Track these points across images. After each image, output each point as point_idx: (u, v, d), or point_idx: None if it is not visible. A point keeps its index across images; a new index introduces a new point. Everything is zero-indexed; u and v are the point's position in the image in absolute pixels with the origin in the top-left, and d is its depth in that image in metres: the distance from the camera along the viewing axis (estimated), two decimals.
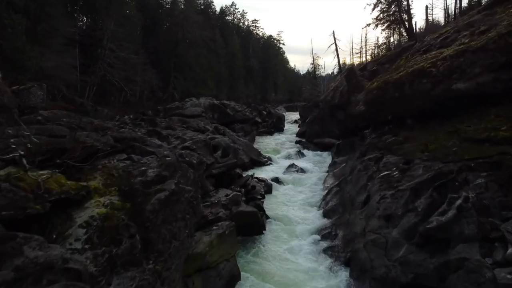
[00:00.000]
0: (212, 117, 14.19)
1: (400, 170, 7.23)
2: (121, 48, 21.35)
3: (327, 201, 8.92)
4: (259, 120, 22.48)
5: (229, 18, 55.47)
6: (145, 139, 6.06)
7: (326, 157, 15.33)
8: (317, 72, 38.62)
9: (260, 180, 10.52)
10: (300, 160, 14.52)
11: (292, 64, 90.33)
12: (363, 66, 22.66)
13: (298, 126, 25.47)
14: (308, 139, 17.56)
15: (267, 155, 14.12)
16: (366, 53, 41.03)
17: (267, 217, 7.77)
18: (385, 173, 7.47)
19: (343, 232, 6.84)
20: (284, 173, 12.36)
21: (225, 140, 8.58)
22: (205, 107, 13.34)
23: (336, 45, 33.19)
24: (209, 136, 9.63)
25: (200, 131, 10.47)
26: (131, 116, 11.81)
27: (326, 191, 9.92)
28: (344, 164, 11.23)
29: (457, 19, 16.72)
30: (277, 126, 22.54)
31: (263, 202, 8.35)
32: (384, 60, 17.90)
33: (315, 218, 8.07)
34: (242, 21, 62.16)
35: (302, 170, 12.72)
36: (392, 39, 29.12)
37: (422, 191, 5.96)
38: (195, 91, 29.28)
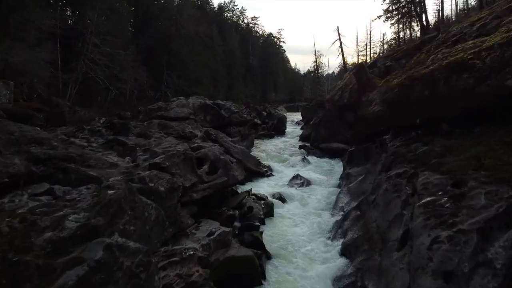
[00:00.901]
0: (204, 119, 12.23)
1: (450, 197, 5.20)
2: (106, 43, 19.37)
3: (345, 230, 6.95)
4: (258, 122, 20.51)
5: (228, 15, 53.50)
6: (89, 157, 4.08)
7: (335, 165, 13.35)
8: (319, 71, 36.73)
9: (259, 198, 8.57)
10: (306, 169, 12.54)
11: (292, 64, 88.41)
12: (372, 63, 20.77)
13: (301, 128, 23.48)
14: (314, 143, 15.61)
15: (267, 163, 12.16)
16: (370, 50, 39.12)
17: (268, 257, 5.81)
18: (428, 199, 5.45)
19: (374, 286, 4.88)
20: (288, 186, 10.39)
21: (215, 151, 6.62)
22: (194, 108, 11.40)
23: (340, 41, 31.27)
24: (195, 144, 7.65)
25: (185, 137, 8.51)
26: (101, 121, 9.88)
27: (342, 214, 7.96)
28: (361, 178, 9.25)
29: (489, 5, 14.69)
30: (278, 129, 20.58)
31: (262, 232, 6.39)
32: (400, 54, 15.97)
33: (331, 256, 6.11)
34: (241, 19, 60.28)
35: (309, 183, 10.75)
36: (401, 34, 27.20)
37: (496, 234, 4.00)
38: (190, 90, 27.31)
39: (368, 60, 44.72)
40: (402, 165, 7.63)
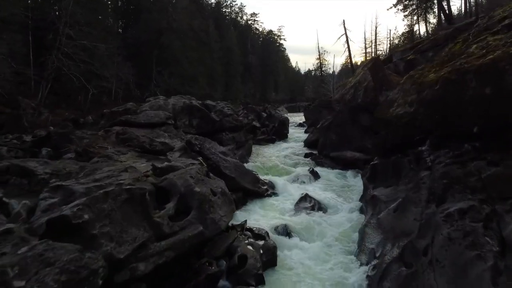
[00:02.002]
0: (188, 124, 9.81)
1: None
2: (83, 35, 16.94)
3: None
4: (257, 125, 18.08)
5: (226, 11, 51.06)
6: None
7: (351, 180, 10.92)
8: (323, 69, 34.30)
9: (257, 236, 6.17)
10: (315, 186, 10.11)
11: (293, 63, 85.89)
12: (387, 58, 18.36)
13: (305, 131, 21.04)
14: (322, 151, 13.19)
15: (267, 179, 9.72)
16: (376, 48, 36.66)
17: None
18: None
19: None
20: (294, 212, 7.95)
21: (188, 178, 4.24)
22: (175, 110, 9.00)
23: (346, 36, 28.82)
24: (164, 164, 5.24)
25: (153, 152, 6.08)
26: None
27: (374, 263, 5.55)
28: (394, 205, 6.83)
29: None
30: (280, 132, 18.15)
31: None
32: (426, 46, 13.58)
33: None
34: (240, 15, 57.83)
35: (321, 206, 8.31)
36: (416, 28, 24.75)
37: None
38: (183, 89, 24.87)
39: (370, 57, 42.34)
40: (464, 195, 5.23)
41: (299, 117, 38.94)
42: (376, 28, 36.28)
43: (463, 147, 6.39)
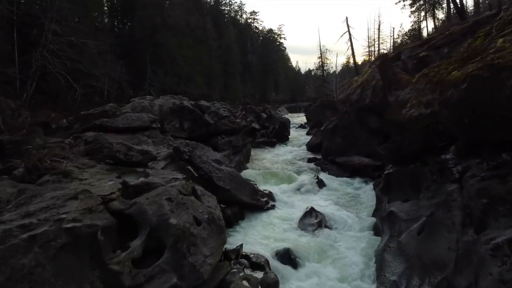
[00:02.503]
0: (179, 127, 8.74)
1: None
2: (69, 31, 15.87)
3: None
4: (257, 126, 16.99)
5: (225, 9, 49.96)
6: None
7: (360, 189, 9.84)
8: (325, 68, 33.19)
9: (254, 265, 5.17)
10: (321, 196, 9.04)
11: (293, 63, 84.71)
12: (394, 55, 17.28)
13: (307, 133, 19.97)
14: (327, 156, 12.12)
15: (267, 189, 8.64)
16: (379, 46, 35.58)
17: None
18: None
19: None
20: (298, 230, 6.88)
21: (162, 203, 3.15)
22: (163, 112, 7.92)
23: (349, 34, 27.75)
24: (139, 180, 4.19)
25: (130, 163, 5.02)
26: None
27: None
28: (417, 225, 5.77)
29: None
30: (281, 135, 17.07)
31: None
32: (440, 42, 12.50)
33: None
34: (239, 14, 56.74)
35: (328, 223, 7.25)
36: (423, 24, 23.65)
37: None
38: (179, 89, 23.82)
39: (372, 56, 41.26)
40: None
41: (300, 118, 37.85)
42: (379, 26, 35.19)
43: (500, 157, 5.29)
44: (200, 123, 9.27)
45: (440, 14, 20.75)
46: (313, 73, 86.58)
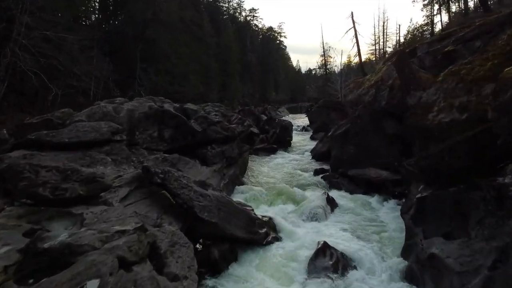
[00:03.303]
0: (158, 136, 7.00)
1: None
2: (46, 24, 14.12)
3: None
4: (255, 130, 15.25)
5: (223, 6, 48.15)
6: None
7: (380, 211, 8.10)
8: (328, 66, 31.39)
9: None
10: (334, 222, 7.29)
11: (293, 62, 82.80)
12: (409, 52, 15.56)
13: (311, 138, 18.21)
14: (337, 167, 10.37)
15: (267, 214, 6.89)
16: (384, 44, 33.91)
17: None
18: None
19: None
20: (310, 275, 5.16)
21: None
22: (133, 118, 6.16)
23: (355, 30, 26.00)
24: (39, 247, 2.35)
25: (62, 202, 3.25)
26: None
27: None
28: (482, 284, 4.11)
29: None
30: (282, 140, 15.31)
31: None
32: (470, 34, 10.73)
33: None
34: (238, 11, 54.96)
35: (347, 264, 5.49)
36: (436, 19, 21.89)
37: None
38: (172, 89, 22.08)
39: (378, 54, 39.41)
40: None
41: (302, 119, 36.10)
42: (384, 23, 33.45)
43: None
44: (184, 130, 7.52)
45: (454, 8, 19.14)
46: (314, 72, 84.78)
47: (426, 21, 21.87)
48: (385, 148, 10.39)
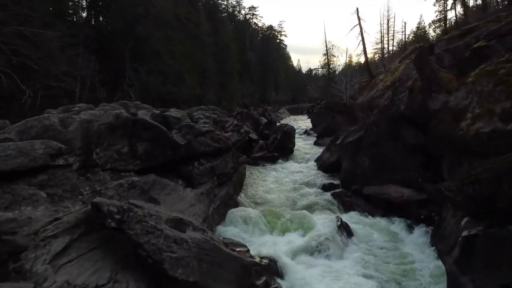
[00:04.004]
0: (129, 152, 5.53)
1: None
2: (22, 19, 12.61)
3: None
4: (254, 136, 13.74)
5: (222, 3, 46.60)
6: None
7: (404, 241, 6.59)
8: (331, 66, 29.79)
9: None
10: (351, 259, 5.76)
11: (294, 62, 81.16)
12: (427, 47, 14.06)
13: (315, 143, 16.68)
14: (349, 183, 8.85)
15: (266, 258, 5.35)
16: (389, 43, 32.33)
17: None
18: None
19: None
20: None
21: None
22: (91, 132, 4.62)
23: (360, 27, 24.42)
24: None
25: None
26: None
27: None
28: None
29: None
30: (284, 147, 13.78)
31: None
32: (506, 28, 9.18)
33: None
34: (237, 9, 53.43)
35: None
36: (450, 14, 20.35)
37: None
38: (165, 90, 20.57)
39: (382, 53, 37.81)
40: None
41: (303, 122, 34.59)
42: (388, 21, 31.88)
43: None
44: (163, 144, 6.02)
45: (471, 2, 17.66)
46: (314, 72, 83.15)
47: (438, 17, 20.45)
48: (405, 161, 8.87)
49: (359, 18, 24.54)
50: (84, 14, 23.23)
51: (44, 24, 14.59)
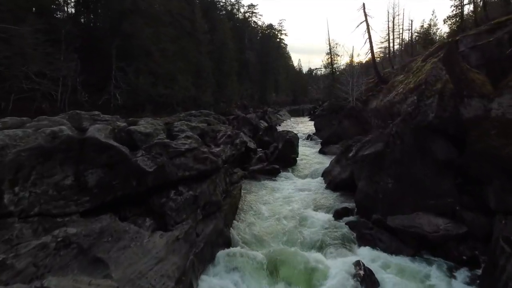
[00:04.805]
0: (75, 185, 3.91)
1: None
2: None
3: None
4: (252, 146, 12.11)
5: (220, 1, 44.87)
6: None
7: None
8: (334, 65, 28.22)
9: None
10: None
11: (294, 62, 79.41)
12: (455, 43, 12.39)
13: (320, 152, 15.00)
14: (368, 208, 7.18)
15: None
16: (394, 41, 30.63)
17: None
18: None
19: None
20: None
21: None
22: (2, 163, 3.15)
23: (367, 23, 22.79)
24: None
25: None
26: None
27: None
28: None
29: None
30: (286, 157, 12.11)
31: None
32: None
33: None
34: (236, 7, 51.74)
35: None
36: (467, 9, 18.69)
37: None
38: (155, 92, 18.91)
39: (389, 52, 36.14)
40: None
41: (305, 124, 32.90)
42: (394, 19, 30.23)
43: None
44: (124, 171, 4.39)
45: None
46: (315, 72, 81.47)
47: (454, 12, 18.82)
48: (436, 182, 7.22)
49: (365, 14, 22.89)
50: (73, 10, 21.66)
51: (16, 18, 12.96)
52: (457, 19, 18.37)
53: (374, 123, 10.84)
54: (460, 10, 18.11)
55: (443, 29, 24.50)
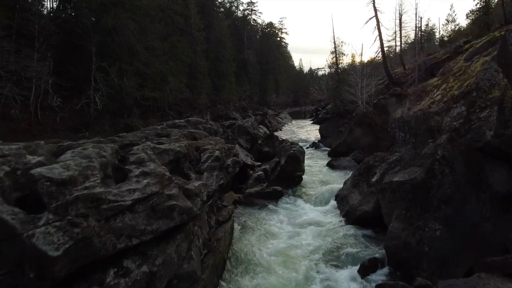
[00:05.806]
0: None
1: None
2: None
3: None
4: (249, 162, 10.14)
5: None
6: None
7: None
8: (340, 65, 26.10)
9: None
10: None
11: (295, 62, 77.23)
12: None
13: (328, 165, 12.95)
14: (404, 260, 5.22)
15: None
16: (401, 39, 28.61)
17: None
18: None
19: None
20: None
21: None
22: None
23: (377, 20, 20.83)
24: None
25: None
26: None
27: None
28: None
29: None
30: (289, 175, 10.06)
31: None
32: None
33: None
34: (235, 5, 49.69)
35: None
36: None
37: None
38: (141, 94, 16.90)
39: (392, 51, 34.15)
40: None
41: (308, 129, 30.79)
42: (401, 17, 28.19)
43: None
44: (17, 255, 2.32)
45: None
46: (315, 72, 79.36)
47: (479, 6, 16.73)
48: (498, 226, 5.23)
49: (375, 10, 20.91)
50: (54, 5, 19.65)
51: None
52: (479, 12, 16.34)
53: (400, 137, 8.84)
54: (484, 3, 16.09)
55: (462, 24, 22.56)
